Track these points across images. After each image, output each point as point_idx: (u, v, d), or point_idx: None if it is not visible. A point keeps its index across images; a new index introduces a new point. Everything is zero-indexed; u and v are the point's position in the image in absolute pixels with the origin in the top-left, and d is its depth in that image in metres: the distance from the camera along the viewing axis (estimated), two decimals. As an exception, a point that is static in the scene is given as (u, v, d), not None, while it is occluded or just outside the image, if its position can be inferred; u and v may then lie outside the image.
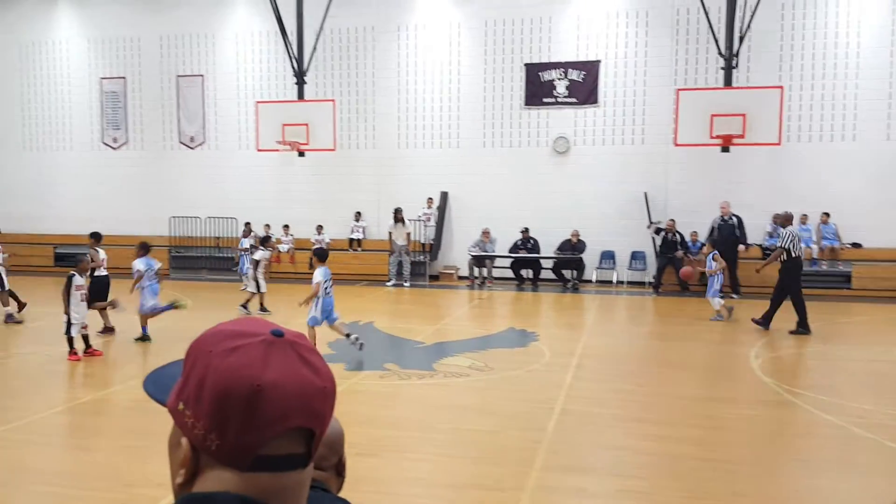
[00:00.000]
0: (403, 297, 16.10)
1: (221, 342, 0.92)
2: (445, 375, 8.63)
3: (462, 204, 18.62)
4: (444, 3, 18.50)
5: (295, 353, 0.92)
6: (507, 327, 12.22)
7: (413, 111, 18.83)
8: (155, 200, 20.30)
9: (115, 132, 20.90)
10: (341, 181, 19.17)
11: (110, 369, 9.11)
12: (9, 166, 21.54)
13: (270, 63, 19.50)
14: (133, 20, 20.32)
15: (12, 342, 10.64)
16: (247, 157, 19.54)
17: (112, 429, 6.82)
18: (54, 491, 5.22)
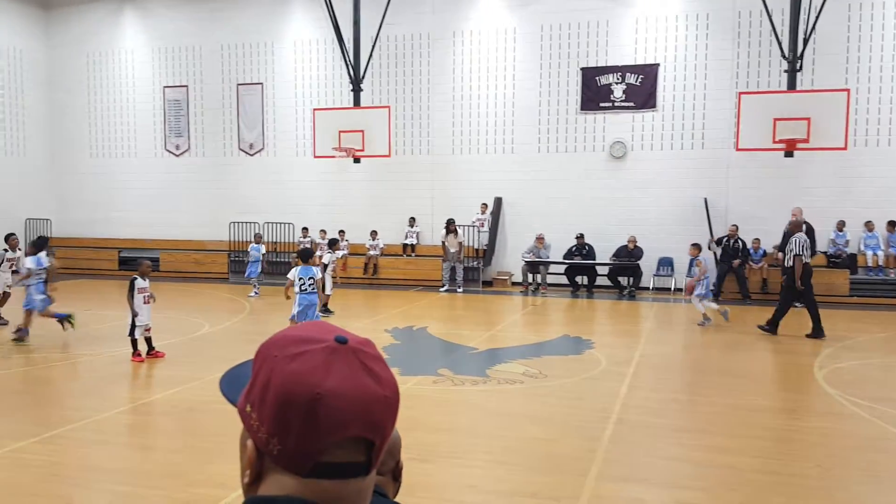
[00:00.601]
0: (456, 302, 16.10)
1: (286, 347, 0.93)
2: (499, 382, 8.59)
3: (516, 209, 18.55)
4: (500, 8, 18.49)
5: (358, 361, 0.92)
6: (562, 334, 12.10)
7: (468, 117, 18.86)
8: (215, 206, 20.81)
9: (178, 139, 21.52)
10: (396, 187, 19.32)
11: (172, 370, 9.35)
12: (77, 173, 22.39)
13: (327, 70, 19.80)
14: (195, 30, 20.92)
15: (77, 344, 11.03)
16: (304, 163, 19.87)
17: (174, 429, 6.99)
18: (120, 489, 5.37)
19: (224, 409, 5.33)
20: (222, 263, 20.00)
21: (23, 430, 6.44)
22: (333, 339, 0.93)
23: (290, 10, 20.08)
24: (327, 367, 0.90)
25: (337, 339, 0.93)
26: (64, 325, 10.78)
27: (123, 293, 9.73)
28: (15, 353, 9.96)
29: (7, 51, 21.12)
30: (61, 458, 5.92)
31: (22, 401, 7.45)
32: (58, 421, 6.84)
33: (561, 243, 17.64)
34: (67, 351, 10.34)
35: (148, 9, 21.35)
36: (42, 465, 5.74)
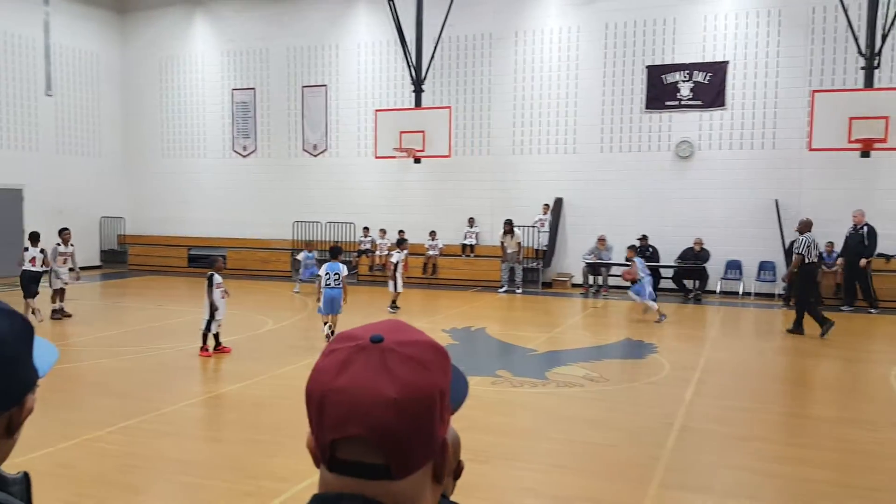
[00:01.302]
0: (515, 303, 16.02)
1: (332, 344, 0.94)
2: (558, 385, 8.50)
3: (577, 210, 18.34)
4: (563, 7, 18.31)
5: (380, 360, 0.88)
6: (624, 338, 11.90)
7: (529, 116, 18.74)
8: (279, 206, 21.26)
9: (245, 140, 22.06)
10: (455, 187, 19.36)
11: (237, 366, 9.59)
12: (149, 173, 23.21)
13: (389, 72, 19.99)
14: (263, 33, 21.41)
15: (148, 338, 11.42)
16: (365, 163, 20.10)
17: (239, 422, 7.16)
18: (187, 480, 5.54)
19: (286, 403, 5.48)
20: (286, 262, 20.41)
21: (99, 419, 6.71)
22: (368, 338, 0.91)
23: (354, 13, 20.35)
24: (344, 366, 0.89)
25: (372, 338, 0.91)
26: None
27: (192, 290, 10.04)
28: (93, 346, 10.38)
29: (85, 55, 22.05)
30: (133, 448, 6.14)
31: (98, 392, 7.76)
32: (131, 412, 7.10)
33: (623, 245, 17.27)
34: (141, 345, 10.72)
35: (218, 13, 21.96)
36: (116, 455, 5.96)
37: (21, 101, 19.99)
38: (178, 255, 21.76)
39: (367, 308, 14.88)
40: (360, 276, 19.18)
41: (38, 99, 20.38)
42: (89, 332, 11.69)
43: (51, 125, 20.92)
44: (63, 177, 21.06)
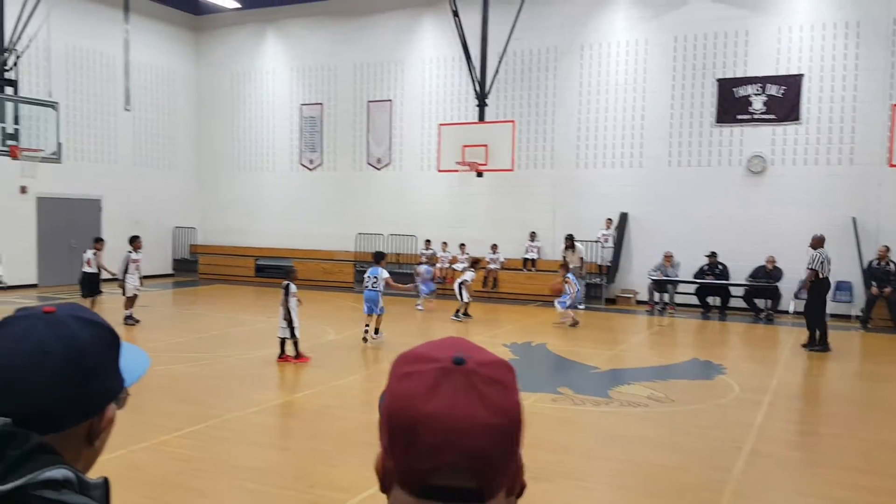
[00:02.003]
0: (577, 319, 15.77)
1: (403, 365, 0.92)
2: (622, 404, 8.31)
3: (643, 225, 18.00)
4: (631, 20, 18.09)
5: (468, 384, 0.87)
6: (691, 357, 11.56)
7: (594, 130, 18.54)
8: (344, 218, 21.59)
9: (312, 154, 22.53)
10: (517, 201, 19.28)
11: (300, 375, 9.73)
12: (221, 185, 23.93)
13: (453, 86, 20.11)
14: (331, 50, 21.87)
15: (216, 345, 11.71)
16: (428, 177, 20.23)
17: (301, 431, 7.25)
18: (250, 486, 5.62)
19: (346, 414, 5.50)
20: (348, 273, 20.68)
21: (167, 424, 6.89)
22: (450, 360, 0.89)
23: (420, 29, 20.59)
24: (433, 390, 0.87)
25: (454, 360, 0.89)
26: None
27: (259, 299, 10.29)
28: (163, 351, 10.70)
29: (163, 72, 22.96)
30: (199, 453, 6.27)
31: (168, 397, 7.98)
32: (198, 417, 7.27)
33: (691, 262, 16.92)
34: (209, 351, 11.00)
35: (288, 31, 22.56)
36: (182, 459, 6.11)
37: (102, 115, 20.92)
38: (245, 265, 22.32)
39: (428, 318, 14.93)
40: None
41: (117, 114, 21.28)
42: (160, 337, 12.07)
43: (129, 139, 21.82)
44: (139, 188, 21.92)
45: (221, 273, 22.36)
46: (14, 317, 1.06)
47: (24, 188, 18.15)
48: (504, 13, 17.28)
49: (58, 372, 1.00)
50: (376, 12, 21.08)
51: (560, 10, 18.71)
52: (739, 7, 16.95)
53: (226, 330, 13.26)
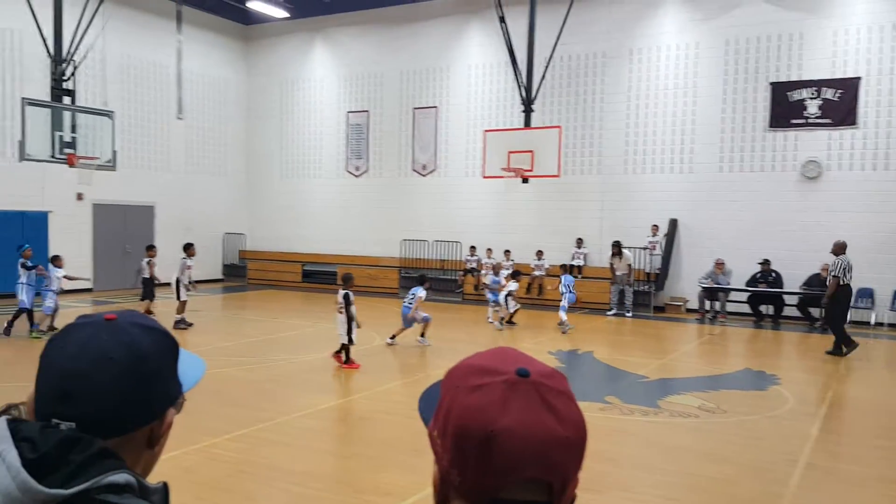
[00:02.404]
0: (625, 327, 15.57)
1: (467, 378, 0.91)
2: (671, 414, 8.14)
3: (693, 232, 17.66)
4: (681, 23, 17.81)
5: (538, 397, 0.87)
6: (743, 367, 11.28)
7: (642, 135, 18.28)
8: (389, 224, 21.72)
9: (358, 161, 22.73)
10: (564, 207, 19.12)
11: (347, 379, 9.80)
12: (268, 192, 24.32)
13: (499, 93, 20.08)
14: (378, 58, 22.06)
15: (263, 350, 11.88)
16: (473, 183, 20.23)
17: (347, 436, 7.29)
18: (297, 490, 5.66)
19: (392, 419, 5.49)
20: (393, 279, 20.78)
21: (217, 427, 7.00)
22: (514, 372, 0.89)
23: (466, 36, 20.63)
24: (504, 403, 0.86)
25: (518, 372, 0.89)
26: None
27: (305, 304, 10.42)
28: (213, 355, 10.90)
29: (215, 81, 23.46)
30: (248, 456, 6.35)
31: (218, 400, 8.10)
32: (246, 421, 7.37)
33: (743, 269, 16.52)
34: (257, 356, 11.16)
35: (336, 39, 22.84)
36: (231, 462, 6.19)
37: (155, 124, 21.47)
38: (292, 271, 22.61)
39: (472, 326, 14.89)
40: (466, 295, 19.23)
41: (170, 122, 21.81)
42: (210, 341, 12.30)
43: (181, 147, 22.34)
44: (191, 195, 22.42)
45: (269, 278, 22.71)
46: (76, 324, 1.08)
47: (80, 195, 18.72)
48: (551, 19, 17.19)
49: (120, 377, 1.02)
50: (422, 20, 21.20)
51: (608, 14, 18.53)
52: (794, 10, 16.54)
53: (274, 335, 13.43)
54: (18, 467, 0.90)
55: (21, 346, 11.50)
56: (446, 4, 20.58)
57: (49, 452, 0.93)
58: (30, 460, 0.91)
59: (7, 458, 0.91)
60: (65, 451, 0.94)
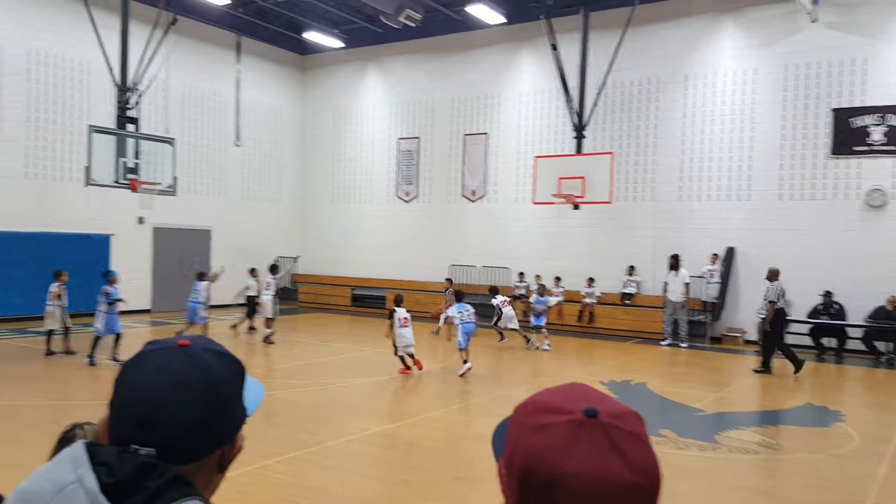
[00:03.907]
0: (679, 358, 15.18)
1: (533, 416, 0.88)
2: (730, 450, 7.86)
3: (751, 261, 17.19)
4: (738, 49, 17.52)
5: (606, 439, 0.83)
6: (804, 402, 10.85)
7: (697, 162, 17.97)
8: (437, 249, 21.78)
9: (408, 187, 22.93)
10: (616, 234, 18.87)
11: (393, 405, 9.77)
12: (320, 217, 24.70)
13: (550, 119, 20.05)
14: (429, 86, 22.31)
15: (314, 373, 11.95)
16: (522, 209, 20.16)
17: (395, 462, 7.23)
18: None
19: (438, 446, 5.42)
20: (441, 304, 20.72)
21: (268, 449, 7.03)
22: (582, 412, 0.85)
23: (517, 63, 20.71)
24: (570, 445, 0.83)
25: (586, 412, 0.85)
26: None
27: (355, 328, 10.46)
28: (266, 377, 11.01)
29: (272, 109, 24.05)
30: (298, 479, 6.36)
31: (269, 422, 8.17)
32: (297, 443, 7.40)
33: (804, 300, 15.98)
34: (307, 378, 11.23)
35: (388, 67, 23.21)
36: (282, 484, 6.20)
37: (214, 151, 22.07)
38: (342, 295, 22.80)
39: (520, 353, 14.72)
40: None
41: (227, 149, 22.42)
42: (262, 363, 12.44)
43: (237, 172, 22.89)
44: (246, 219, 22.91)
45: (320, 301, 22.94)
46: (150, 350, 1.09)
47: (141, 219, 19.30)
48: (604, 45, 17.15)
49: (196, 403, 1.04)
50: (474, 48, 21.39)
51: (662, 40, 18.39)
52: (857, 35, 16.13)
53: (324, 358, 13.52)
54: (96, 492, 0.92)
55: (72, 367, 11.81)
56: (498, 33, 20.73)
57: (126, 478, 0.94)
58: (107, 485, 0.93)
59: (85, 482, 0.93)
60: (141, 476, 0.95)
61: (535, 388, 10.69)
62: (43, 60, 17.57)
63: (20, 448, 6.81)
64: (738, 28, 17.59)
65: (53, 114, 17.83)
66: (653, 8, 18.01)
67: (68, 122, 18.09)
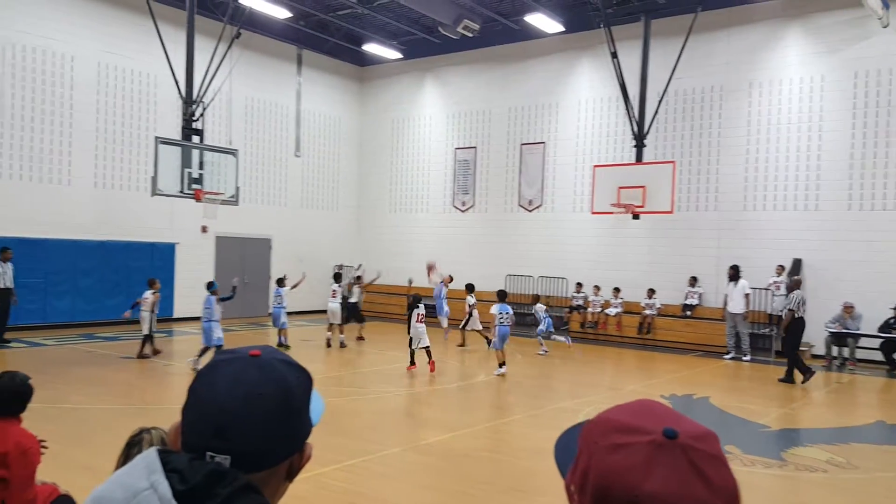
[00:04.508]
0: (743, 372, 14.74)
1: (609, 435, 0.86)
2: (797, 468, 7.58)
3: (819, 273, 16.59)
4: (805, 56, 17.00)
5: (686, 461, 0.81)
6: (875, 420, 10.40)
7: (763, 171, 17.47)
8: (493, 259, 21.71)
9: (464, 196, 22.96)
10: (677, 244, 18.48)
11: (449, 415, 9.75)
12: (378, 226, 24.94)
13: (609, 128, 19.81)
14: (486, 96, 22.34)
15: (371, 381, 12.04)
16: (580, 219, 19.94)
17: (451, 472, 7.21)
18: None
19: (494, 457, 5.38)
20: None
21: (326, 457, 7.10)
22: (661, 433, 0.83)
23: (576, 71, 20.55)
24: (649, 467, 0.81)
25: (665, 433, 0.83)
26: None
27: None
28: (323, 384, 11.14)
29: (330, 120, 24.47)
30: (356, 487, 6.40)
31: (328, 429, 8.24)
32: (355, 451, 7.45)
33: (875, 314, 15.33)
34: (365, 387, 11.32)
35: (446, 79, 23.34)
36: (340, 492, 6.25)
37: (275, 161, 22.56)
38: (399, 303, 22.91)
39: (579, 364, 14.53)
40: (571, 333, 18.85)
41: (288, 159, 22.88)
42: (320, 370, 12.60)
43: (297, 182, 23.33)
44: (305, 228, 23.32)
45: (376, 310, 23.12)
46: (223, 360, 1.11)
47: (204, 228, 19.83)
48: (665, 53, 16.90)
49: (271, 413, 1.05)
50: (532, 57, 21.32)
51: (726, 47, 17.98)
52: (932, 37, 15.48)
53: (381, 366, 13.61)
54: (170, 498, 0.94)
55: (143, 371, 12.18)
56: (556, 41, 20.62)
57: (198, 485, 0.96)
58: (180, 492, 0.95)
59: (159, 489, 0.95)
60: (212, 483, 0.96)
61: (593, 400, 10.55)
62: (112, 74, 18.28)
63: (91, 450, 7.04)
64: (804, 34, 17.08)
65: (121, 126, 18.51)
66: (715, 14, 17.64)
67: (135, 133, 18.75)
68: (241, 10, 16.21)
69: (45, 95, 16.96)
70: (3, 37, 16.21)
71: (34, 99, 16.77)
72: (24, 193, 16.58)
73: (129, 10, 18.15)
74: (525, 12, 19.38)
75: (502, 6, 20.16)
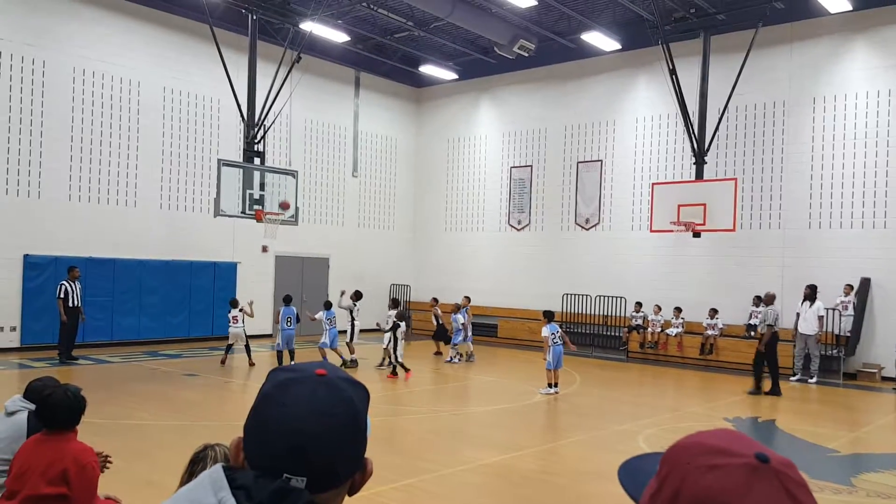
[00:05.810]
0: (810, 395, 14.21)
1: (700, 457, 0.86)
2: (868, 494, 7.25)
3: (889, 292, 15.92)
4: (871, 69, 16.45)
5: (781, 486, 0.82)
6: (956, 448, 9.86)
7: (828, 188, 16.92)
8: (550, 278, 21.53)
9: (520, 215, 22.89)
10: (739, 263, 18.00)
11: (506, 435, 9.67)
12: (433, 244, 25.07)
13: (668, 144, 19.51)
14: (542, 114, 22.30)
15: (426, 400, 12.04)
16: (639, 237, 19.64)
17: (508, 495, 7.13)
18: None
19: (553, 480, 5.31)
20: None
21: (382, 475, 7.10)
22: (754, 456, 0.84)
23: (633, 89, 20.36)
24: (747, 489, 0.81)
25: (758, 457, 0.84)
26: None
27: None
28: (379, 403, 11.20)
29: (386, 140, 24.80)
30: (411, 507, 6.38)
31: (384, 448, 8.28)
32: (411, 471, 7.45)
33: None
34: (420, 406, 11.33)
35: (501, 98, 23.41)
36: (395, 511, 6.25)
37: (333, 182, 22.97)
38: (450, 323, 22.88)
39: (637, 387, 14.24)
40: (630, 353, 18.52)
41: (345, 180, 23.26)
42: (376, 389, 12.65)
43: (354, 202, 23.68)
44: (362, 247, 23.61)
45: (432, 329, 23.13)
46: (293, 378, 1.11)
47: (265, 247, 20.28)
48: (725, 69, 16.60)
49: (342, 433, 1.07)
50: (588, 75, 21.22)
51: (787, 62, 17.56)
52: None
53: (437, 385, 13.61)
54: None
55: (204, 387, 12.46)
56: (613, 59, 20.48)
57: (264, 502, 0.97)
58: None
59: None
60: (278, 501, 0.98)
61: (653, 422, 10.30)
62: (176, 98, 18.95)
63: (154, 466, 7.22)
64: (870, 48, 16.54)
65: (185, 148, 19.14)
66: (777, 29, 17.25)
67: (199, 156, 19.36)
68: (301, 35, 16.62)
69: (113, 120, 17.69)
70: (74, 64, 17.01)
71: (102, 123, 17.50)
72: (92, 215, 17.28)
73: (193, 36, 18.84)
74: (582, 31, 19.32)
75: (558, 25, 20.16)
